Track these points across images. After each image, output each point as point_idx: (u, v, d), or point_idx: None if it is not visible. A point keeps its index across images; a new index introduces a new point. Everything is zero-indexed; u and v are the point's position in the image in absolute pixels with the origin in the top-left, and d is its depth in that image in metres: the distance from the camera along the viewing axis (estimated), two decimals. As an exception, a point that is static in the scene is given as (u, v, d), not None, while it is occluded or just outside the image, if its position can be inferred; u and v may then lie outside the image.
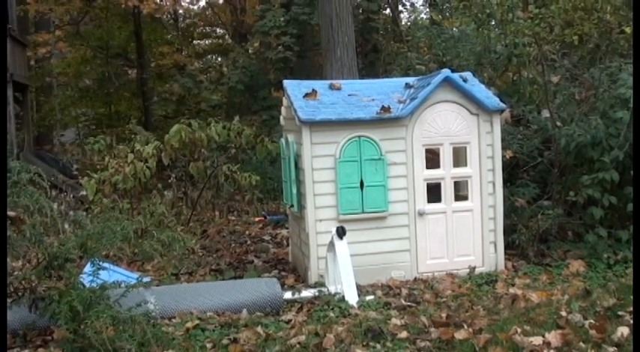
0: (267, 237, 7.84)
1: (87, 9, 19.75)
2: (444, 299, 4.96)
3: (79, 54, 19.70)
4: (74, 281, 3.91)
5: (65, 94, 20.59)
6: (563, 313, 4.20)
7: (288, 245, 6.81)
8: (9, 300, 4.12)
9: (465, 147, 5.65)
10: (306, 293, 5.10)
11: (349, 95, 5.73)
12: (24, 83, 14.03)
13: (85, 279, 4.03)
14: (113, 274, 4.64)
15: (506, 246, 5.77)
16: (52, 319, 3.91)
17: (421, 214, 5.55)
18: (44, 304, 3.99)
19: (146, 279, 4.33)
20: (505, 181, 5.88)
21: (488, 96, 5.65)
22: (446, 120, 5.58)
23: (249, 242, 7.63)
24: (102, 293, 3.84)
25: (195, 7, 24.60)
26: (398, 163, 5.46)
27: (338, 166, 5.38)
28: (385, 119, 5.41)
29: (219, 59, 22.75)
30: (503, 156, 5.89)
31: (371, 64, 13.74)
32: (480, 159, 5.59)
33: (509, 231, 5.89)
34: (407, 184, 5.51)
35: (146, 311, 3.98)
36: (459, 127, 5.60)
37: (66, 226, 4.69)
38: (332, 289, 5.06)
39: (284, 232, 7.74)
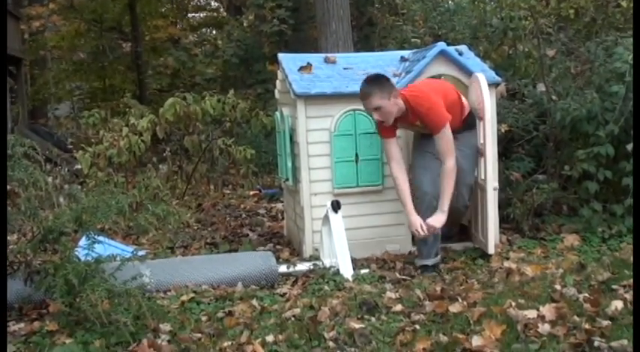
0: (262, 211, 7.85)
1: (81, -18, 19.64)
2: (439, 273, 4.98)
3: (73, 27, 19.62)
4: (69, 254, 3.91)
5: (59, 68, 20.52)
6: (558, 287, 4.22)
7: (282, 218, 6.82)
8: (4, 274, 4.14)
9: (461, 121, 5.62)
10: (301, 266, 5.12)
11: (344, 68, 5.71)
12: (18, 56, 13.98)
13: (80, 253, 4.03)
14: (108, 248, 4.66)
15: (501, 220, 5.77)
16: (48, 292, 3.92)
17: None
18: (39, 277, 4.00)
19: (141, 253, 4.34)
20: (500, 155, 5.87)
21: (483, 69, 5.62)
22: (441, 94, 5.55)
23: (244, 215, 7.63)
24: (97, 266, 3.84)
25: (190, -20, 24.44)
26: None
27: (333, 140, 5.37)
28: (380, 93, 5.38)
29: (214, 32, 22.65)
30: (499, 130, 5.88)
31: (366, 38, 13.67)
32: (476, 133, 5.58)
33: (503, 204, 5.89)
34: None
35: (141, 285, 3.98)
36: (455, 101, 5.58)
37: (61, 200, 4.67)
38: (327, 262, 5.07)
39: (279, 206, 7.75)
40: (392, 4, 14.52)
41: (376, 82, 4.88)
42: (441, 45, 5.52)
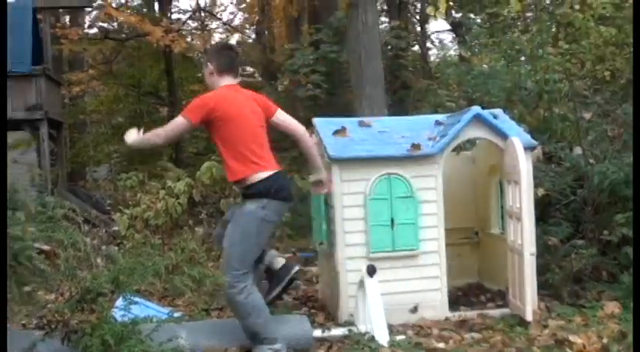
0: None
1: (119, 49, 20.14)
2: (476, 340, 4.90)
3: (112, 92, 20.07)
4: (106, 315, 3.93)
5: (98, 131, 20.89)
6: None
7: (317, 282, 6.77)
8: (42, 333, 4.16)
9: (497, 185, 5.61)
10: (336, 331, 5.06)
11: (379, 132, 5.74)
12: (58, 120, 14.27)
13: (117, 313, 4.05)
14: (144, 309, 4.66)
15: (539, 286, 5.66)
16: (84, 353, 3.93)
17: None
18: (77, 337, 4.01)
19: (177, 315, 4.34)
20: (537, 220, 5.81)
21: (519, 133, 5.62)
22: (477, 158, 5.56)
23: (278, 279, 7.58)
24: (133, 327, 3.84)
25: (226, 46, 24.84)
26: (429, 201, 5.43)
27: (368, 204, 5.37)
28: (415, 156, 5.40)
29: (249, 97, 22.95)
30: (535, 194, 5.84)
31: (400, 101, 13.79)
32: (512, 197, 5.54)
33: (541, 270, 5.80)
34: (438, 222, 5.47)
35: (177, 347, 3.98)
36: (491, 165, 5.58)
37: (98, 261, 4.73)
38: (362, 328, 5.01)
39: (314, 269, 7.71)
40: (426, 67, 14.67)
41: (215, 47, 4.64)
42: (476, 109, 5.54)
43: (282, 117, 4.83)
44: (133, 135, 4.75)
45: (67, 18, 20.45)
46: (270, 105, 4.82)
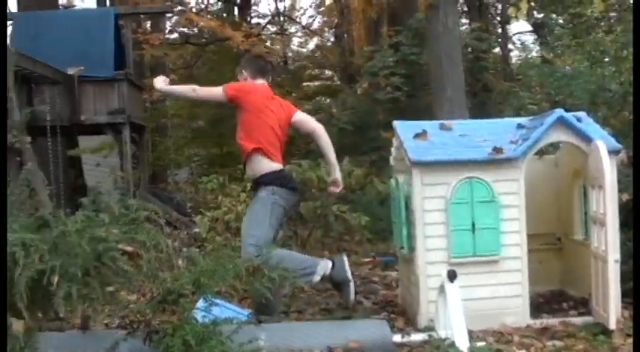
0: (376, 279, 7.79)
1: (200, 53, 20.43)
2: (558, 348, 4.79)
3: (193, 96, 20.30)
4: (187, 316, 4.00)
5: (179, 135, 21.22)
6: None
7: (397, 287, 6.74)
8: (124, 332, 4.25)
9: (581, 189, 5.48)
10: (416, 336, 5.03)
11: (460, 135, 5.67)
12: (140, 124, 14.58)
13: (198, 314, 4.12)
14: (225, 310, 4.74)
15: (624, 294, 5.49)
16: (166, 352, 4.00)
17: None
18: (158, 337, 4.09)
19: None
20: (622, 225, 5.62)
21: (603, 136, 5.47)
22: (561, 162, 5.44)
23: (358, 283, 7.58)
24: (214, 328, 3.91)
25: (305, 50, 25.08)
26: (511, 206, 5.34)
27: (449, 208, 5.31)
28: (497, 160, 5.32)
29: (328, 100, 23.04)
30: (620, 199, 5.67)
31: (481, 104, 13.60)
32: (597, 202, 5.40)
33: (626, 278, 5.61)
34: (520, 227, 5.37)
35: (257, 348, 4.02)
36: (575, 169, 5.45)
37: (180, 262, 4.81)
38: (442, 334, 4.96)
39: (393, 274, 7.68)
40: (507, 69, 14.44)
41: (247, 56, 6.04)
42: (559, 111, 5.43)
43: (299, 117, 5.57)
44: (159, 82, 5.42)
45: (149, 24, 20.91)
46: (292, 108, 5.55)
